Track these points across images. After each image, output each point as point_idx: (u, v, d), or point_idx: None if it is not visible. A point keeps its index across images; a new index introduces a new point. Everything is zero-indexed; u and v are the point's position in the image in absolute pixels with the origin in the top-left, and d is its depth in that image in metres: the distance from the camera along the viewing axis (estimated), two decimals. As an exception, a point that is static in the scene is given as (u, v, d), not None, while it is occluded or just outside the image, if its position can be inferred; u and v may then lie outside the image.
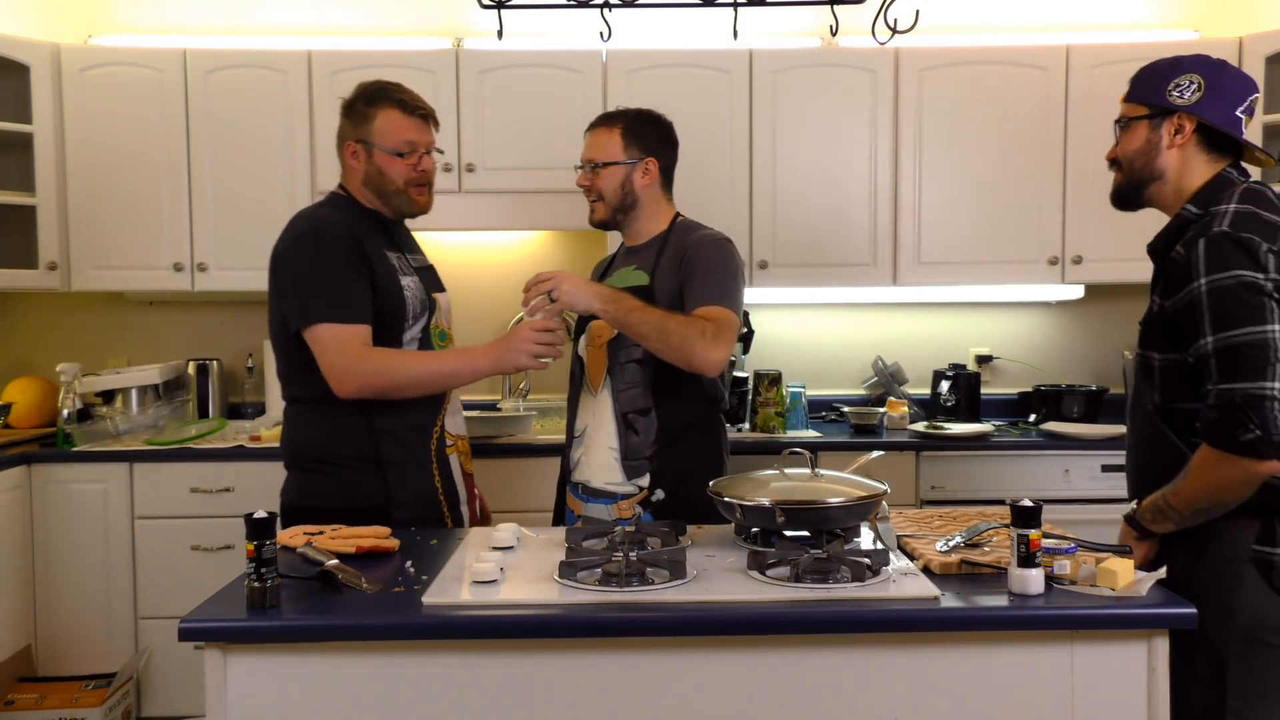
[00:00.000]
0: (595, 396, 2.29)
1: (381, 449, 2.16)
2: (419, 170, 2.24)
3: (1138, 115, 1.92)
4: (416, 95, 2.27)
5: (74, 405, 3.36)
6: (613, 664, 1.54)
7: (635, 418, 2.25)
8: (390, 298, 2.16)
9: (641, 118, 2.36)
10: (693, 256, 2.25)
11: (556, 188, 3.48)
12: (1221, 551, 1.77)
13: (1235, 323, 1.67)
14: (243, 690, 1.53)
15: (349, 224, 2.19)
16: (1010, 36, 3.70)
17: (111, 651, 3.25)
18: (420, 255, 2.37)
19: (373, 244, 2.19)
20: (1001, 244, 3.52)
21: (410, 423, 2.19)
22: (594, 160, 2.33)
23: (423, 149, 2.25)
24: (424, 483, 2.21)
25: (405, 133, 2.21)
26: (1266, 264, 1.69)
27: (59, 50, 3.47)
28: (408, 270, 2.23)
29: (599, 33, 2.43)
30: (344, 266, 2.12)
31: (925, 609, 1.54)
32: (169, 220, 3.49)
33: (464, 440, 2.34)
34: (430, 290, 2.27)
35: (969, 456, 3.29)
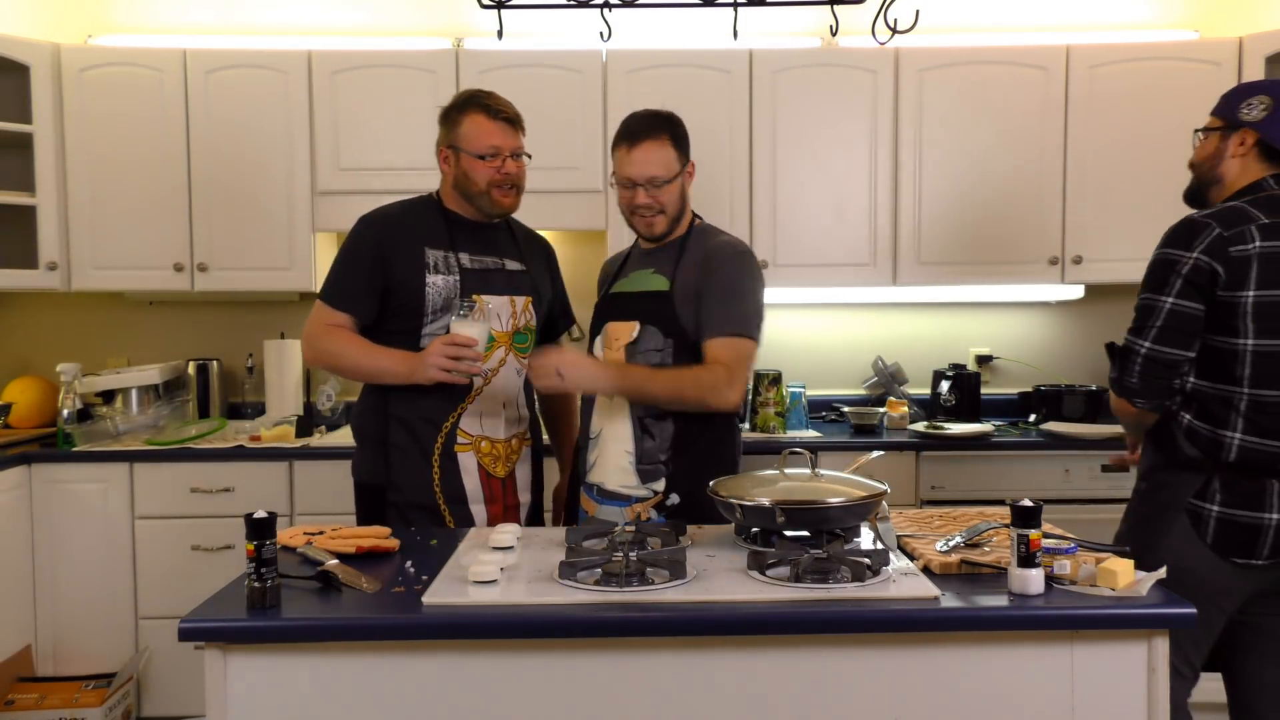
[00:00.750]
0: (611, 400, 2.27)
1: (390, 432, 2.31)
2: (502, 173, 2.29)
3: (1214, 127, 2.18)
4: (503, 100, 2.33)
5: (74, 405, 3.36)
6: (613, 664, 1.54)
7: (651, 422, 2.23)
8: (404, 293, 2.28)
9: (673, 120, 2.31)
10: (713, 269, 2.23)
11: (557, 188, 3.49)
12: (1162, 497, 2.08)
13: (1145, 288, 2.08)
14: (243, 690, 1.53)
15: (399, 219, 2.35)
16: (1010, 36, 3.70)
17: (111, 651, 3.25)
18: (498, 259, 2.37)
19: (416, 240, 2.30)
20: (1001, 244, 3.52)
21: (421, 414, 2.29)
22: (658, 177, 2.24)
23: (507, 153, 2.30)
24: (423, 474, 2.29)
25: (490, 137, 2.28)
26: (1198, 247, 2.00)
27: (59, 50, 3.47)
28: (449, 270, 2.29)
29: (599, 33, 2.43)
30: (352, 259, 2.33)
31: (925, 609, 1.54)
32: (169, 220, 3.49)
33: (493, 442, 2.35)
34: (473, 292, 2.29)
35: (969, 456, 3.29)
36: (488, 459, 2.34)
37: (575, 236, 3.82)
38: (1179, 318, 2.01)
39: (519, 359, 2.38)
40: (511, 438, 2.39)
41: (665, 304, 2.25)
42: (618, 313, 2.32)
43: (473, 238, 2.37)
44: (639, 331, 2.25)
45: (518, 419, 2.41)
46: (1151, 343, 2.04)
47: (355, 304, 2.31)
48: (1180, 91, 3.43)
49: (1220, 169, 2.15)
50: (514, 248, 2.44)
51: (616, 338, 2.29)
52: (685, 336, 2.23)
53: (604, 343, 2.32)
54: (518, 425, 2.41)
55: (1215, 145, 2.16)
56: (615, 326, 2.29)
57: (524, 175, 2.37)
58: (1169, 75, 3.45)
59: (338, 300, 2.32)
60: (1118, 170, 3.47)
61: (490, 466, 2.34)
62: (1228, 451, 2.01)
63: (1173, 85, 3.44)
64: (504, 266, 2.38)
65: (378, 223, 2.35)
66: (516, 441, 2.40)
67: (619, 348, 2.28)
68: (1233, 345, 2.00)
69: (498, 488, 2.36)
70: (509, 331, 2.36)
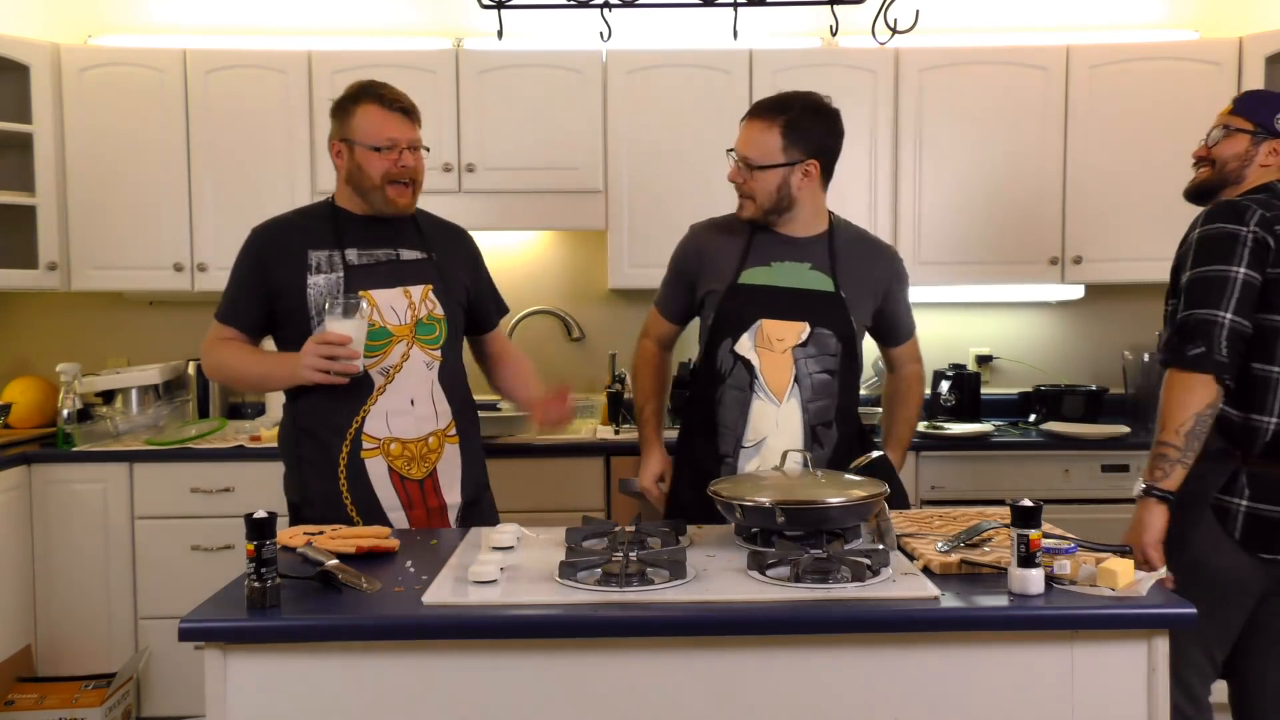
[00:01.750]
0: (780, 406, 2.19)
1: (300, 446, 2.26)
2: (399, 166, 2.21)
3: (1242, 128, 2.16)
4: (398, 91, 2.26)
5: (74, 405, 3.36)
6: (613, 664, 1.54)
7: (822, 430, 2.19)
8: (288, 298, 2.23)
9: (807, 110, 2.22)
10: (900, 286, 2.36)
11: (556, 188, 3.49)
12: (1191, 487, 1.99)
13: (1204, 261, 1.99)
14: (243, 690, 1.53)
15: (285, 225, 2.31)
16: (1010, 36, 3.70)
17: (111, 651, 3.25)
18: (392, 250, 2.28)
19: (300, 243, 2.24)
20: (1001, 244, 3.52)
21: (325, 423, 2.22)
22: (749, 159, 2.18)
23: (404, 144, 2.22)
24: (331, 485, 2.22)
25: (384, 129, 2.20)
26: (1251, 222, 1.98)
27: (59, 50, 3.47)
28: (332, 268, 2.21)
29: (599, 33, 2.43)
30: (236, 272, 2.32)
31: (925, 609, 1.54)
32: (169, 220, 3.49)
33: (404, 443, 2.23)
34: (359, 287, 2.20)
35: (969, 456, 3.29)
36: (399, 461, 2.22)
37: (575, 236, 3.82)
38: (1248, 289, 1.96)
39: (426, 351, 2.26)
40: (427, 436, 2.25)
41: (839, 308, 2.19)
42: (774, 309, 2.21)
43: (364, 233, 2.27)
44: (809, 333, 2.19)
45: (433, 416, 2.26)
46: (1231, 314, 1.94)
47: (239, 316, 2.28)
48: (1180, 91, 3.43)
49: (1245, 171, 2.16)
50: (415, 238, 2.32)
51: (781, 338, 2.18)
52: (854, 343, 2.22)
53: (757, 341, 2.20)
54: (433, 422, 2.26)
55: (1245, 147, 2.16)
56: (779, 326, 2.19)
57: (422, 170, 2.27)
58: (1169, 75, 3.45)
59: (223, 314, 2.30)
60: (1118, 170, 3.47)
61: (403, 469, 2.23)
62: (1262, 437, 1.99)
63: (1173, 85, 3.44)
64: (398, 257, 2.27)
65: (261, 232, 2.31)
66: (434, 440, 2.26)
67: (785, 349, 2.18)
68: (1275, 323, 1.98)
69: (415, 491, 2.24)
70: (409, 324, 2.24)
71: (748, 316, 2.21)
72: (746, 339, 2.20)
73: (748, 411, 2.20)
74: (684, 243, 2.39)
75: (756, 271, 2.24)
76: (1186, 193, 2.27)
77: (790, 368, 2.18)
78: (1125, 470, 3.25)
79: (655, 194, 3.44)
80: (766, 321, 2.19)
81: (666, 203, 3.41)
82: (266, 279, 2.25)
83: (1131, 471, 3.24)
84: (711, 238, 2.34)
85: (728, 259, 2.27)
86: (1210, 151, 2.21)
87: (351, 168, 2.24)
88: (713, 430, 2.24)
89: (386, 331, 2.22)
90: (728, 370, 2.22)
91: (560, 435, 3.36)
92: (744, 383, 2.20)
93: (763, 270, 2.23)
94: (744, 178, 2.20)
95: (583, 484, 3.28)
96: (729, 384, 2.22)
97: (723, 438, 2.23)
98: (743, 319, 2.21)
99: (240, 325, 2.28)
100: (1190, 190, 2.26)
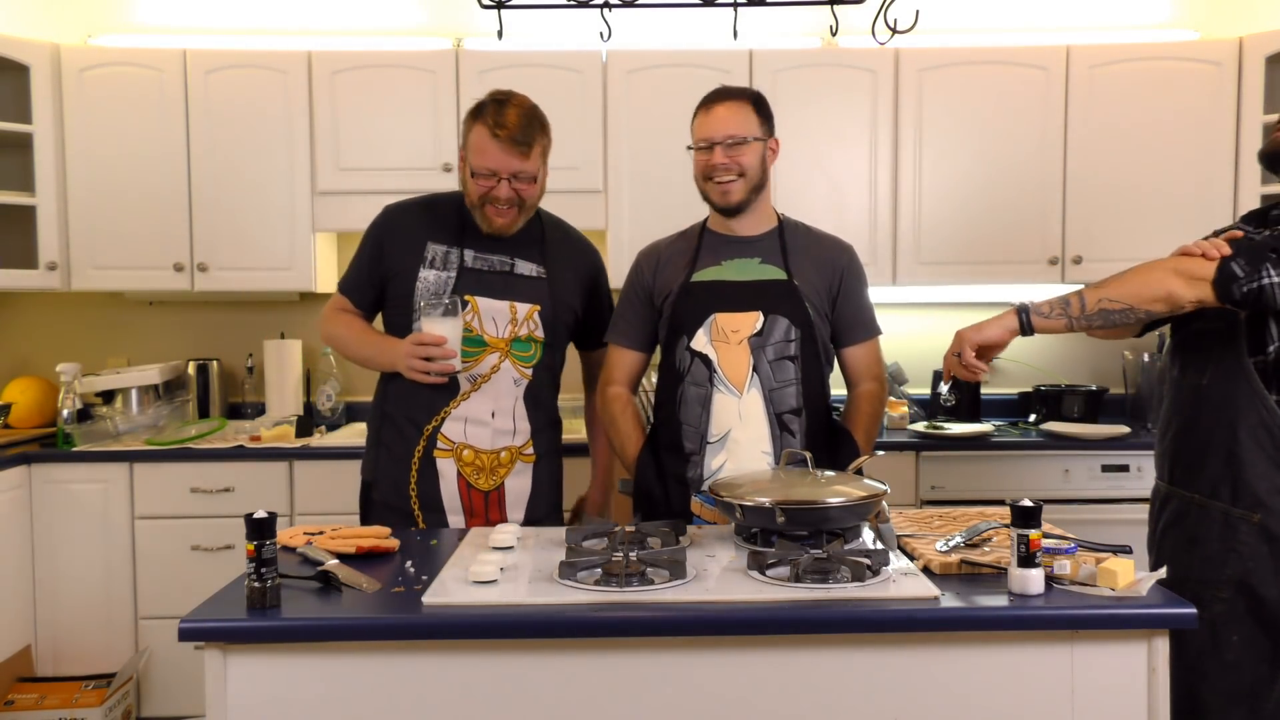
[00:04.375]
0: (741, 398, 2.17)
1: (381, 430, 2.31)
2: (493, 194, 2.19)
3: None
4: (513, 117, 2.18)
5: (74, 405, 3.36)
6: (613, 664, 1.54)
7: (790, 418, 2.18)
8: (399, 285, 2.27)
9: (760, 95, 2.27)
10: (854, 278, 2.30)
11: (557, 188, 3.45)
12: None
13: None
14: (243, 690, 1.53)
15: (413, 210, 2.34)
16: (1010, 36, 3.70)
17: (111, 651, 3.25)
18: (508, 259, 2.28)
19: (422, 233, 2.28)
20: (1001, 244, 3.52)
21: (407, 413, 2.27)
22: (737, 135, 2.17)
23: (504, 174, 2.18)
24: (401, 476, 2.26)
25: (485, 157, 2.17)
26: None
27: (59, 50, 3.47)
28: (447, 266, 2.25)
29: (599, 33, 2.43)
30: (361, 247, 2.35)
31: (925, 609, 1.54)
32: (169, 220, 3.49)
33: (476, 452, 2.25)
34: (466, 291, 2.23)
35: (969, 456, 3.29)
36: (469, 469, 2.25)
37: (575, 236, 3.82)
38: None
39: (518, 367, 2.28)
40: (500, 450, 2.27)
41: (792, 294, 2.19)
42: (726, 302, 2.20)
43: (487, 235, 2.27)
44: (764, 322, 2.18)
45: (510, 431, 2.27)
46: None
47: (355, 291, 2.35)
48: (1180, 91, 3.43)
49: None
50: (536, 249, 2.32)
51: (735, 330, 2.17)
52: (813, 329, 2.21)
53: (714, 334, 2.19)
54: (509, 438, 2.27)
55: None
56: (731, 318, 2.18)
57: (532, 195, 2.24)
58: (1169, 75, 3.45)
59: (343, 285, 2.37)
60: (1118, 170, 3.47)
61: (472, 477, 2.25)
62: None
63: (1173, 85, 3.44)
64: (513, 269, 2.29)
65: (390, 213, 2.36)
66: (507, 455, 2.27)
67: (740, 340, 2.17)
68: None
69: (479, 501, 2.25)
70: (506, 338, 2.26)
71: (701, 312, 2.21)
72: (702, 334, 2.20)
73: (709, 406, 2.19)
74: (635, 266, 2.39)
75: (708, 271, 2.25)
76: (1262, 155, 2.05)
77: (748, 358, 2.18)
78: (1125, 470, 3.25)
79: (655, 194, 3.44)
80: (720, 315, 2.19)
81: (666, 203, 3.41)
82: (383, 261, 2.30)
83: (1131, 471, 3.24)
84: (661, 250, 2.36)
85: (679, 264, 2.29)
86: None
87: (463, 179, 2.26)
88: (676, 428, 2.23)
89: (482, 340, 2.25)
90: (686, 368, 2.22)
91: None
92: (703, 378, 2.20)
93: (714, 269, 2.25)
94: (731, 156, 2.19)
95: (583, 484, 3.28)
96: (689, 381, 2.22)
97: (687, 435, 2.22)
98: (696, 315, 2.21)
99: (354, 300, 2.35)
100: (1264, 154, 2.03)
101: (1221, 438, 1.90)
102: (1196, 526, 1.94)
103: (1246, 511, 1.86)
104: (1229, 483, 1.89)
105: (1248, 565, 1.86)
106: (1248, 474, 1.86)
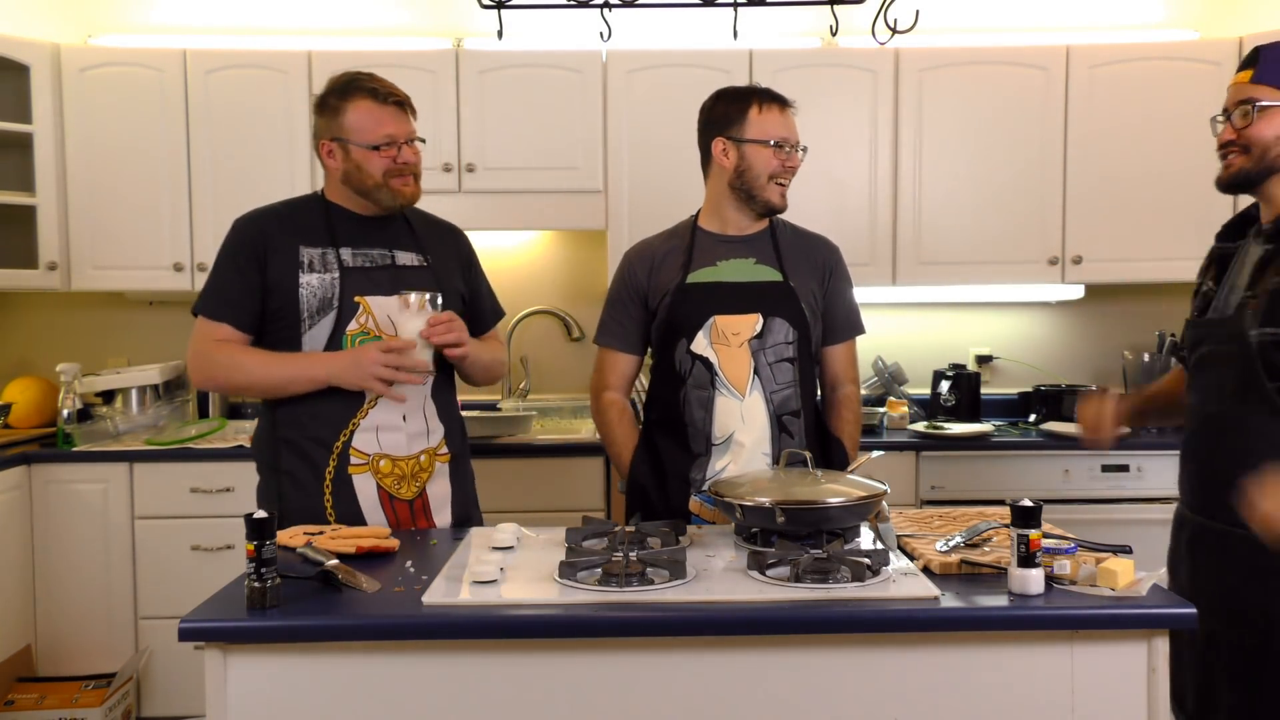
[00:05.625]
0: (743, 400, 2.17)
1: (281, 458, 2.13)
2: (399, 163, 2.10)
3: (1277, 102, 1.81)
4: (389, 83, 2.14)
5: (74, 405, 3.36)
6: (613, 664, 1.54)
7: (789, 419, 2.19)
8: (279, 296, 2.10)
9: None
10: (840, 277, 2.32)
11: (556, 188, 3.49)
12: None
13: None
14: (243, 690, 1.53)
15: (275, 216, 2.17)
16: (1010, 36, 3.70)
17: (111, 651, 3.25)
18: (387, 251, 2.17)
19: (293, 238, 2.12)
20: (1001, 244, 3.52)
21: (310, 434, 2.11)
22: (797, 143, 2.25)
23: (402, 139, 2.11)
24: (315, 500, 2.10)
25: (381, 125, 2.09)
26: None
27: (59, 50, 3.47)
28: (326, 268, 2.10)
29: (599, 33, 2.43)
30: (226, 264, 2.14)
31: (925, 609, 1.54)
32: (169, 220, 3.49)
33: (394, 460, 2.13)
34: (355, 292, 2.10)
35: (969, 456, 3.29)
36: (389, 479, 2.12)
37: (575, 236, 3.82)
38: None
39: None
40: (419, 454, 2.15)
41: (789, 296, 2.19)
42: (726, 305, 2.20)
43: (358, 232, 2.15)
44: (763, 324, 2.19)
45: (424, 432, 2.16)
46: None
47: (234, 310, 2.10)
48: (1180, 91, 3.43)
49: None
50: (410, 239, 2.21)
51: (736, 332, 2.18)
52: (809, 330, 2.22)
53: (714, 337, 2.19)
54: (424, 439, 2.16)
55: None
56: (732, 320, 2.18)
57: (420, 162, 2.16)
58: (1169, 75, 3.45)
59: (215, 308, 2.11)
60: (1118, 170, 3.47)
61: (393, 488, 2.12)
62: None
63: (1173, 85, 3.44)
64: (394, 261, 2.16)
65: (252, 221, 2.16)
66: (426, 458, 2.16)
67: (741, 342, 2.18)
68: None
69: (404, 511, 2.14)
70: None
71: (700, 315, 2.20)
72: (702, 337, 2.20)
73: (712, 409, 2.19)
74: (624, 266, 2.35)
75: (703, 272, 2.24)
76: (1223, 185, 1.92)
77: (749, 361, 2.18)
78: (1125, 470, 3.25)
79: (655, 194, 3.44)
80: (719, 317, 2.19)
81: (666, 203, 3.39)
82: (262, 271, 2.10)
83: (1131, 471, 3.24)
84: (653, 250, 2.32)
85: (672, 265, 2.27)
86: (1242, 135, 1.84)
87: (349, 168, 2.11)
88: (681, 430, 2.23)
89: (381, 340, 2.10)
90: (687, 370, 2.21)
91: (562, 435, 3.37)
92: (705, 381, 2.20)
93: (709, 270, 2.24)
94: (797, 164, 2.25)
95: (583, 484, 3.28)
96: (690, 384, 2.21)
97: (692, 438, 2.22)
98: (695, 318, 2.20)
99: (235, 321, 2.10)
100: (1226, 182, 1.91)
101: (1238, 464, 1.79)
102: (1221, 555, 1.86)
103: None
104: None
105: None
106: None
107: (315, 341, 2.09)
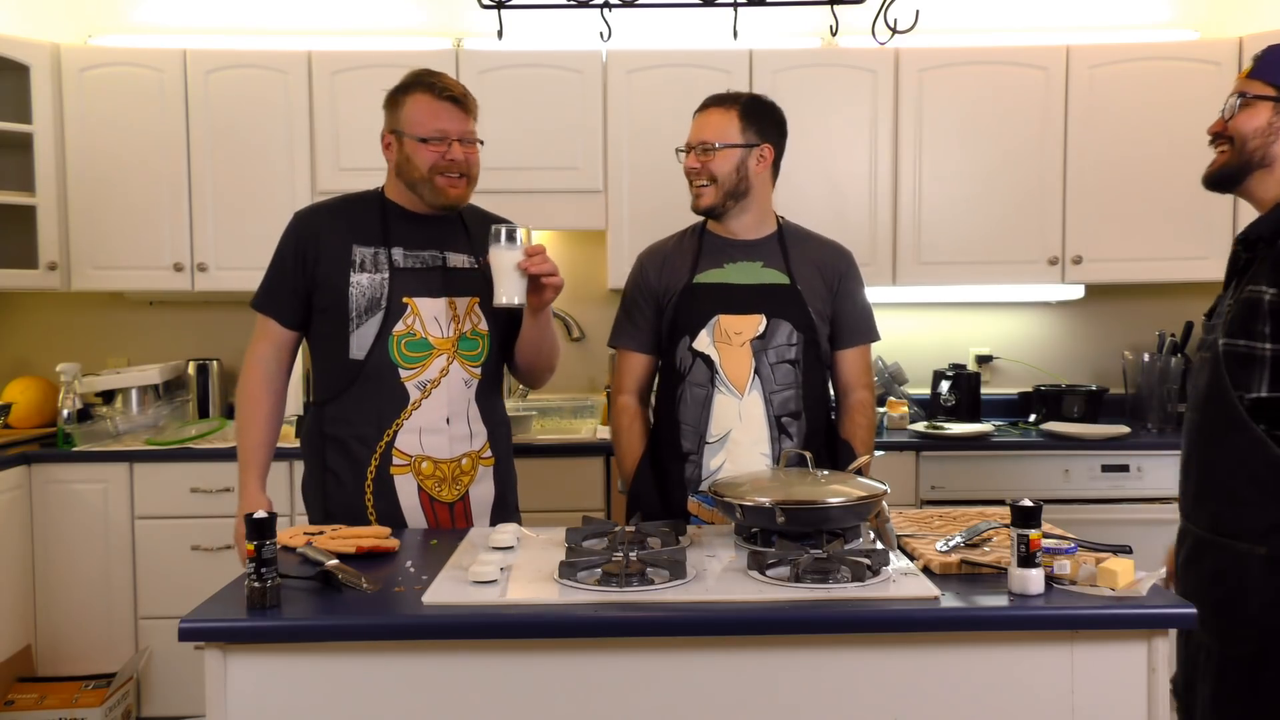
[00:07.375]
0: (742, 399, 2.18)
1: (327, 455, 2.16)
2: (447, 159, 2.11)
3: (1265, 95, 1.80)
4: (450, 80, 2.15)
5: (74, 405, 3.36)
6: (613, 664, 1.54)
7: (788, 421, 2.19)
8: (328, 294, 2.12)
9: (757, 101, 2.27)
10: (852, 281, 2.31)
11: (556, 188, 3.49)
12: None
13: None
14: (243, 690, 1.52)
15: (330, 214, 2.20)
16: (1010, 36, 3.70)
17: (111, 651, 3.25)
18: (439, 253, 2.18)
19: (346, 237, 2.14)
20: (1001, 244, 3.52)
21: (355, 432, 2.13)
22: (708, 142, 2.19)
23: (454, 136, 2.11)
24: (356, 499, 2.12)
25: (434, 120, 2.10)
26: None
27: (59, 50, 3.47)
28: (377, 268, 2.12)
29: (599, 33, 2.42)
30: (277, 260, 2.19)
31: (925, 609, 1.54)
32: (169, 220, 3.49)
33: (435, 463, 2.14)
34: (404, 294, 2.12)
35: (969, 456, 3.29)
36: (430, 482, 2.13)
37: (575, 237, 3.82)
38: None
39: (467, 368, 2.16)
40: (461, 457, 2.16)
41: (794, 298, 2.20)
42: (730, 305, 2.21)
43: (412, 232, 2.17)
44: (766, 325, 2.19)
45: (467, 436, 2.16)
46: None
47: (277, 306, 2.16)
48: (1180, 91, 3.43)
49: (1274, 149, 1.79)
50: (464, 240, 2.22)
51: (739, 332, 2.19)
52: (814, 333, 2.22)
53: (716, 336, 2.20)
54: (467, 443, 2.16)
55: (1268, 118, 1.79)
56: (735, 320, 2.19)
57: (476, 164, 2.17)
58: (1169, 75, 3.45)
59: (264, 303, 2.18)
60: (1118, 170, 3.47)
61: (434, 490, 2.13)
62: None
63: (1173, 85, 3.44)
64: (445, 264, 2.18)
65: (305, 219, 2.20)
66: (468, 461, 2.17)
67: (743, 342, 2.19)
68: None
69: (445, 514, 2.15)
70: (451, 338, 2.14)
71: (704, 313, 2.21)
72: (705, 335, 2.21)
73: (710, 407, 2.20)
74: (636, 268, 2.37)
75: (710, 273, 2.26)
76: (1206, 179, 1.90)
77: (750, 361, 2.19)
78: (1125, 470, 3.25)
79: (655, 194, 3.44)
80: (723, 317, 2.20)
81: (666, 203, 3.40)
82: (309, 269, 2.13)
83: (1131, 471, 3.25)
84: (664, 252, 2.35)
85: (682, 265, 2.29)
86: (1227, 126, 1.83)
87: (400, 160, 2.14)
88: (675, 427, 2.24)
89: (427, 343, 2.13)
90: (687, 367, 2.23)
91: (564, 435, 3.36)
92: (704, 378, 2.21)
93: (716, 271, 2.26)
94: (702, 162, 2.21)
95: (583, 484, 3.28)
96: (689, 381, 2.22)
97: (685, 435, 2.23)
98: (699, 316, 2.21)
99: (279, 317, 2.17)
100: (1210, 176, 1.89)
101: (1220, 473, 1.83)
102: (1216, 565, 1.85)
103: (1252, 545, 1.78)
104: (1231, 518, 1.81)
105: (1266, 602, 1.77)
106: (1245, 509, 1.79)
107: (362, 339, 2.11)
